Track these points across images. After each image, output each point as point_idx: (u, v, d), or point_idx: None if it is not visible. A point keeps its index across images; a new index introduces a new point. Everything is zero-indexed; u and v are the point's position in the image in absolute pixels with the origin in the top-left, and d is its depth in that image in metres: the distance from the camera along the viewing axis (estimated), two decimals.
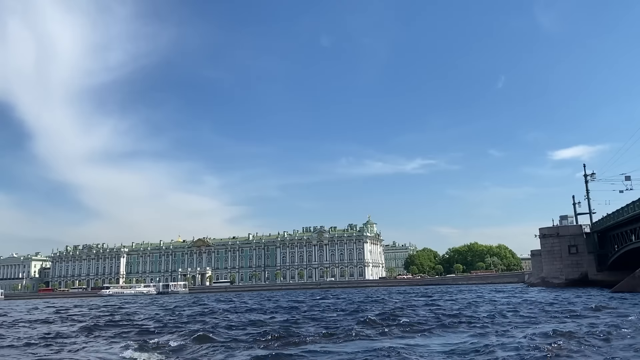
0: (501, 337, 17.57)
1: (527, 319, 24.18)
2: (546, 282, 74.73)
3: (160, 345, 17.66)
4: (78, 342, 19.79)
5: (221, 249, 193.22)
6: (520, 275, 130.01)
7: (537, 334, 17.35)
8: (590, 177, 75.31)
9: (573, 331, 17.85)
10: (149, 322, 29.44)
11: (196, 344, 17.67)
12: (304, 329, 22.02)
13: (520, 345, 14.99)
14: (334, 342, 17.60)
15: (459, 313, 28.10)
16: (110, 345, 18.49)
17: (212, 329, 22.52)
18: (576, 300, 37.83)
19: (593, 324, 20.59)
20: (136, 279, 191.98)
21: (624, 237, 60.05)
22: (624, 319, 22.04)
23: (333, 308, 37.33)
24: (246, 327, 24.17)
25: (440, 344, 16.32)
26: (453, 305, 36.52)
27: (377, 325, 22.12)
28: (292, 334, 19.50)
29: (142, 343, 17.92)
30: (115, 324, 28.23)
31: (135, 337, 20.36)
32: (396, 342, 16.73)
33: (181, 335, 20.43)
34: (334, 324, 24.10)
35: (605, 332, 17.61)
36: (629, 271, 50.89)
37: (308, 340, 17.75)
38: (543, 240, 76.27)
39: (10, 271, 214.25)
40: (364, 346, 16.11)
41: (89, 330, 24.30)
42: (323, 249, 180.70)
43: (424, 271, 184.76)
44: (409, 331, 20.13)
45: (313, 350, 15.66)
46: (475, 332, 19.40)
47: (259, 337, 18.96)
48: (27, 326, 29.52)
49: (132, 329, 24.35)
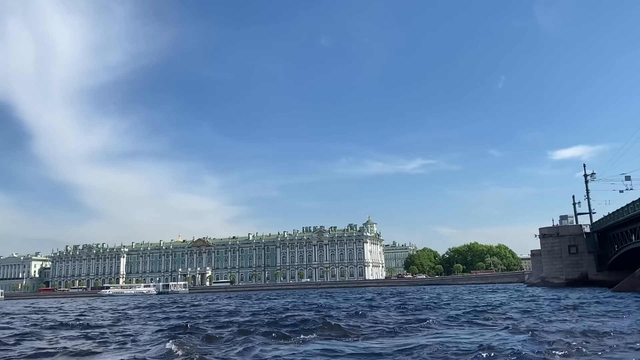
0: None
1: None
2: (546, 282, 74.75)
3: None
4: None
5: (221, 249, 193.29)
6: (520, 275, 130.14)
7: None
8: (590, 177, 75.35)
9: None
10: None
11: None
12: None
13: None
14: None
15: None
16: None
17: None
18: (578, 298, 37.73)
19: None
20: (136, 279, 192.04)
21: (624, 237, 60.07)
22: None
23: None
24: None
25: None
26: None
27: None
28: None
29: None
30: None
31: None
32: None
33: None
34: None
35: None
36: (629, 271, 50.86)
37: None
38: (543, 240, 76.28)
39: (10, 271, 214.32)
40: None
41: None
42: (323, 249, 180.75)
43: (424, 271, 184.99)
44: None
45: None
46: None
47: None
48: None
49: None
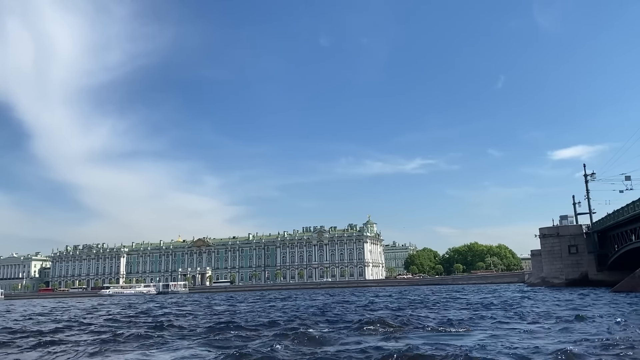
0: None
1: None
2: (546, 282, 74.79)
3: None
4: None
5: (221, 249, 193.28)
6: (520, 275, 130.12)
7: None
8: (590, 177, 75.27)
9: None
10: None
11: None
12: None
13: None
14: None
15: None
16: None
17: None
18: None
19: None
20: (136, 279, 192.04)
21: (624, 237, 60.06)
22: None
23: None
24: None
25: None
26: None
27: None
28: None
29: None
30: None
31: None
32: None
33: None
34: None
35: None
36: (629, 271, 50.83)
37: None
38: (543, 240, 76.28)
39: (10, 271, 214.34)
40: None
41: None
42: (323, 249, 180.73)
43: (424, 271, 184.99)
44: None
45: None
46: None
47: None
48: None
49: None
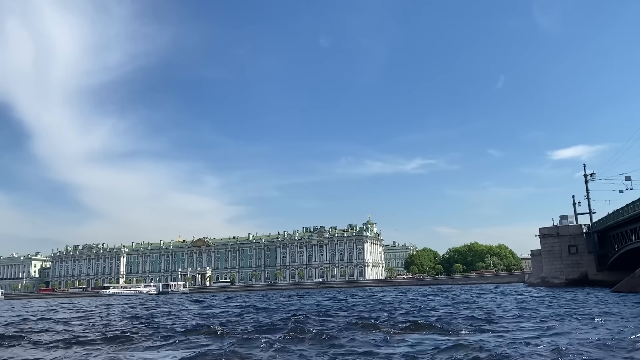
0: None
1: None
2: (546, 282, 74.81)
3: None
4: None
5: (221, 249, 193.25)
6: (520, 275, 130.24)
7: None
8: (590, 177, 75.36)
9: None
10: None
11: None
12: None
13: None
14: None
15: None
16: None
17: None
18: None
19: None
20: (136, 278, 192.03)
21: (624, 237, 60.10)
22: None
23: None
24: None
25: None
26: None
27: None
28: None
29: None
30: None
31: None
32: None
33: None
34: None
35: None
36: (629, 271, 50.87)
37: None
38: (543, 240, 76.34)
39: (10, 271, 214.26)
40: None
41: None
42: (323, 249, 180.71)
43: (424, 271, 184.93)
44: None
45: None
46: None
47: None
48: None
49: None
